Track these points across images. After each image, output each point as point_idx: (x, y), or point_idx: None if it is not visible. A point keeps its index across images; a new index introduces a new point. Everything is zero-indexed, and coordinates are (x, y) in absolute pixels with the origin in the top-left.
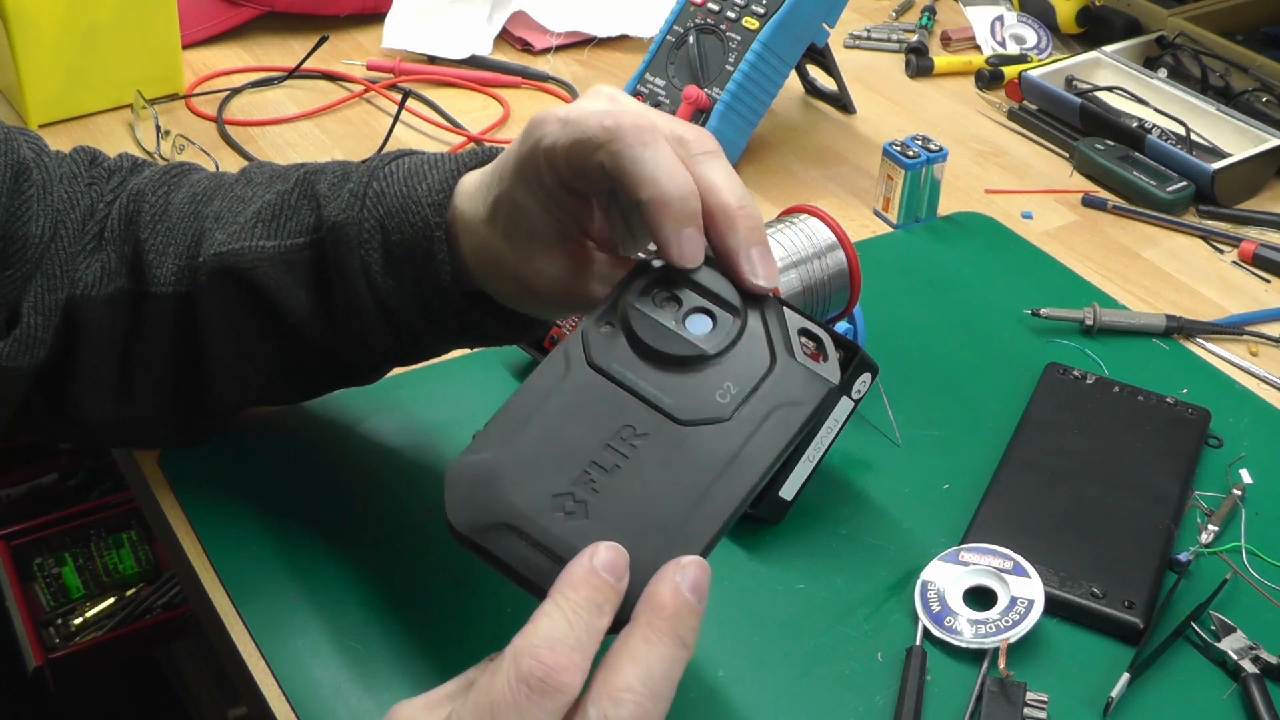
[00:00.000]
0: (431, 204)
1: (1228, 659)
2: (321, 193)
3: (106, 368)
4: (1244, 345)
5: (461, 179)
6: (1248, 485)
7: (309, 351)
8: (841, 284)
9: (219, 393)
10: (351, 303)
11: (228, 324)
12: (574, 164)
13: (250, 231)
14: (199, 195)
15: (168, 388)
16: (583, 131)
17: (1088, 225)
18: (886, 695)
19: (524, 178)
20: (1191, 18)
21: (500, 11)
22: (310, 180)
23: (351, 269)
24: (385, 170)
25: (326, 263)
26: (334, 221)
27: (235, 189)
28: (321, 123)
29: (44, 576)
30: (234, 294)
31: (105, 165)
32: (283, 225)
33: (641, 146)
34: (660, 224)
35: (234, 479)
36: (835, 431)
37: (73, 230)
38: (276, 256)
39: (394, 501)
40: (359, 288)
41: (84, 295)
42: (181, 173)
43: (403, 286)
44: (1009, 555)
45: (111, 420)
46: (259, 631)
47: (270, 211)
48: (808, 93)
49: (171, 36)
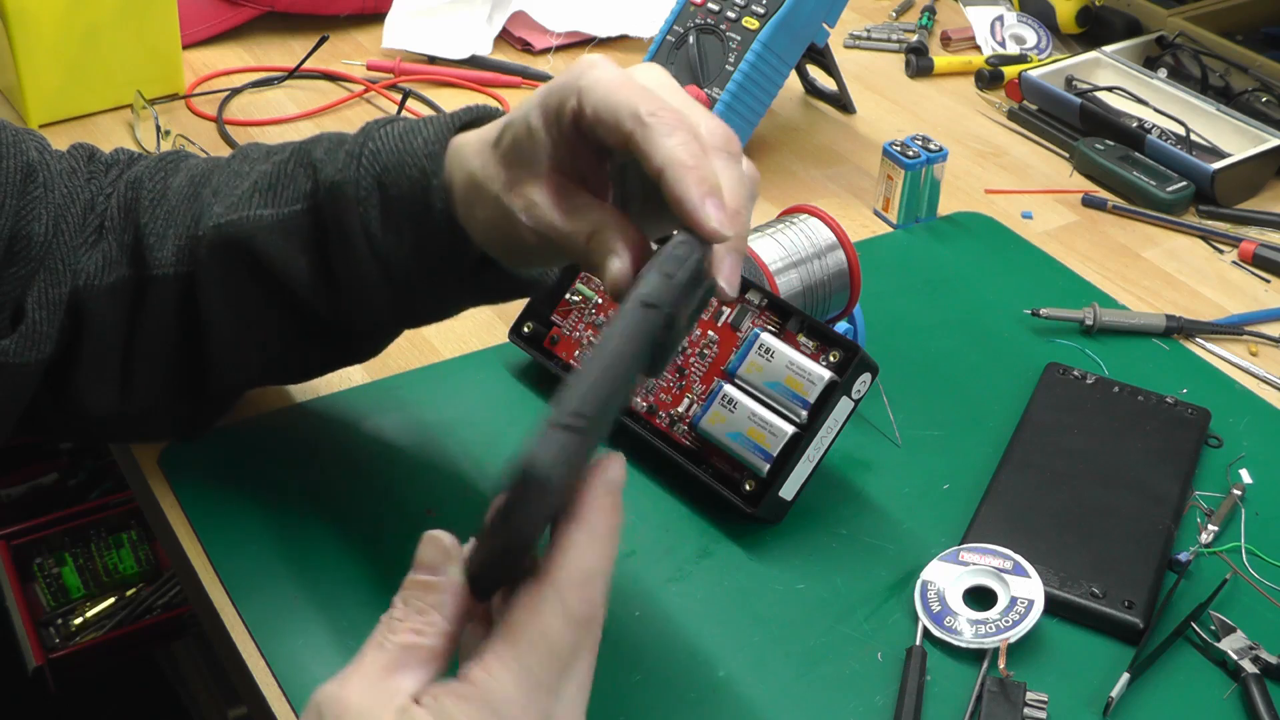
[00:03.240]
0: (428, 154)
1: (1228, 659)
2: (317, 158)
3: (110, 358)
4: (1244, 345)
5: (458, 135)
6: (1248, 485)
7: (311, 321)
8: (841, 284)
9: (222, 371)
10: (351, 263)
11: (229, 296)
12: (602, 117)
13: (248, 202)
14: (196, 177)
15: (171, 374)
16: (627, 101)
17: (1088, 225)
18: (886, 695)
19: (546, 110)
20: (1191, 18)
21: (500, 11)
22: (306, 149)
23: (350, 227)
24: (381, 131)
25: (325, 226)
26: (331, 182)
27: (232, 165)
28: (321, 123)
29: (44, 576)
30: (234, 265)
31: (103, 160)
32: (280, 193)
33: (666, 131)
34: (681, 192)
35: (234, 479)
36: (835, 431)
37: (73, 225)
38: (275, 224)
39: (394, 501)
40: (358, 245)
41: (87, 286)
42: (179, 158)
43: (402, 241)
44: (1009, 555)
45: (115, 412)
46: (259, 631)
47: (267, 181)
48: (808, 93)
49: (171, 36)
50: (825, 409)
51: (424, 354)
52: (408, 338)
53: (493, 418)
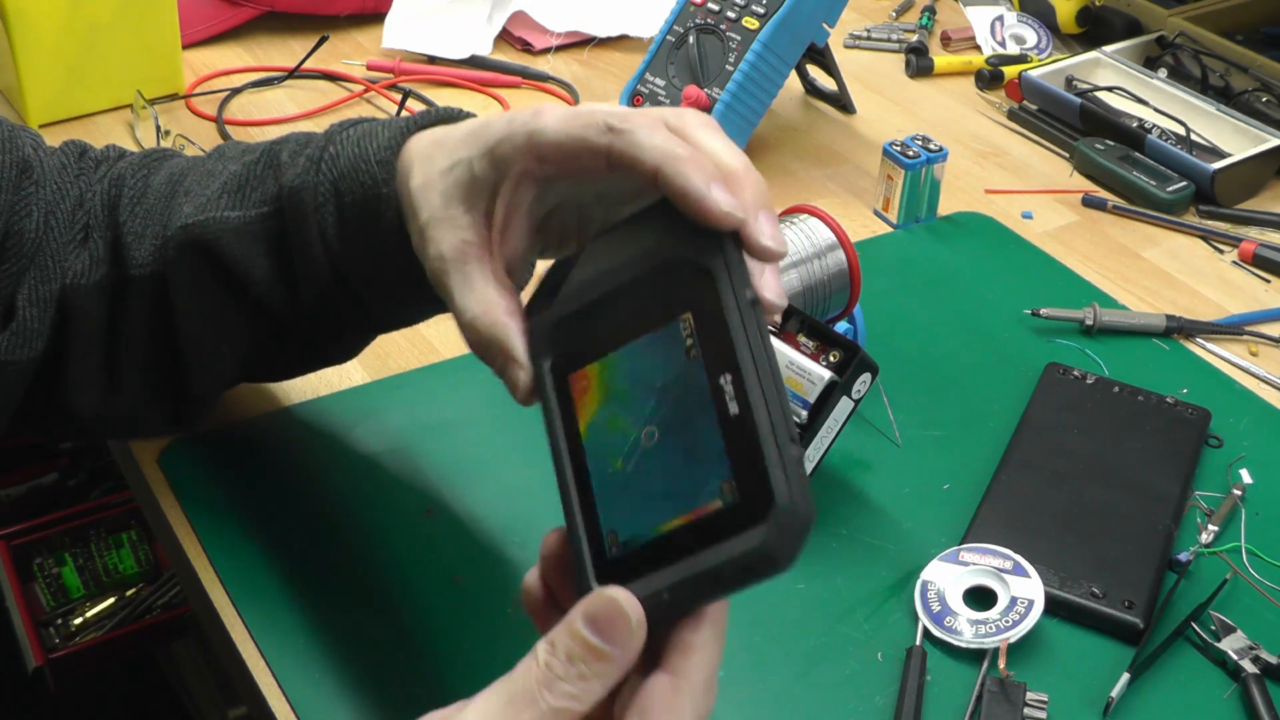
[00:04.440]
0: (380, 160)
1: (1228, 659)
2: (283, 160)
3: (95, 357)
4: (1244, 345)
5: (414, 137)
6: (1248, 485)
7: (276, 323)
8: (842, 284)
9: (198, 373)
10: (309, 269)
11: (197, 298)
12: (567, 149)
13: (216, 203)
14: (175, 175)
15: (151, 373)
16: (589, 120)
17: (1088, 225)
18: (886, 695)
19: (495, 158)
20: (1191, 18)
21: (500, 11)
22: (275, 150)
23: (309, 234)
24: (342, 134)
25: (287, 230)
26: (291, 187)
27: (207, 164)
28: (321, 123)
29: (44, 576)
30: (200, 266)
31: (93, 156)
32: (248, 195)
33: (647, 132)
34: (685, 184)
35: (234, 479)
36: (835, 431)
37: (63, 221)
38: (241, 227)
39: (394, 502)
40: (315, 252)
41: (74, 284)
42: (162, 156)
43: (354, 249)
44: (1009, 555)
45: (102, 412)
46: (259, 631)
47: (236, 182)
48: (808, 93)
49: (171, 36)
50: (825, 409)
51: (424, 354)
52: (407, 337)
53: (493, 418)
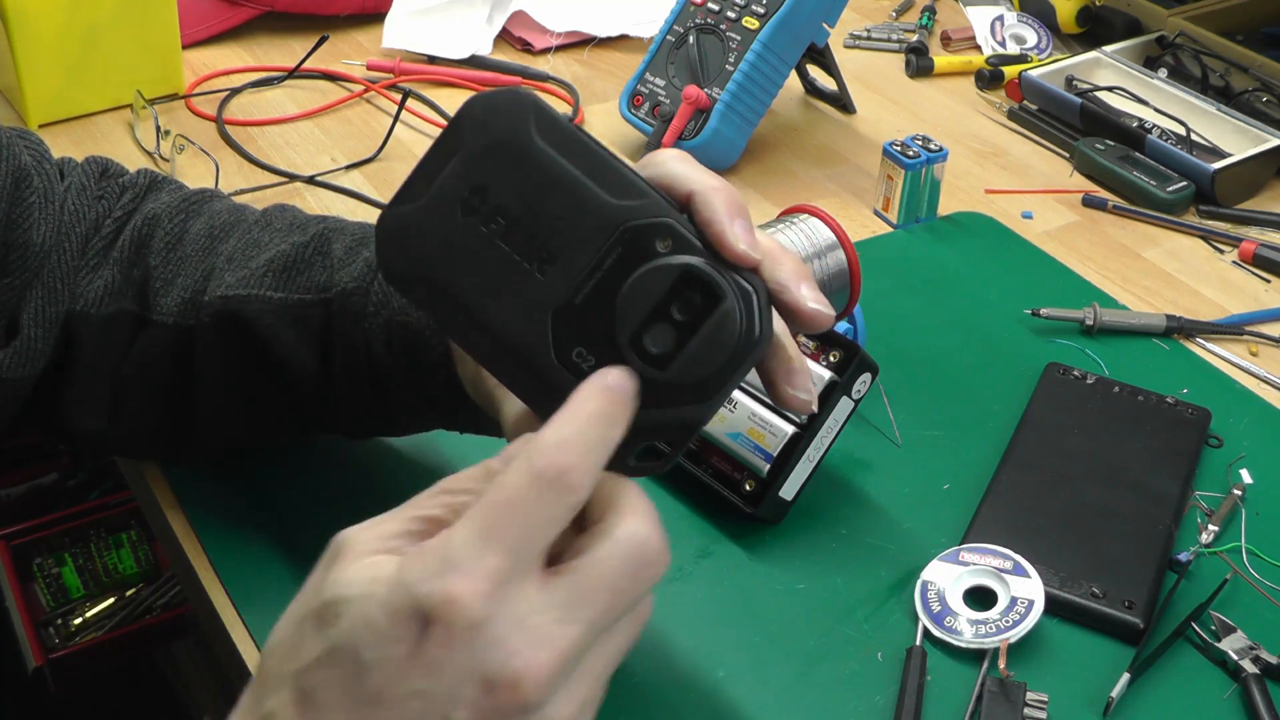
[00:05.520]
0: None
1: (1228, 659)
2: (337, 254)
3: (100, 385)
4: (1244, 345)
5: None
6: (1248, 485)
7: (302, 404)
8: (842, 284)
9: (207, 427)
10: (349, 370)
11: (224, 366)
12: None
13: (260, 280)
14: (215, 230)
15: (159, 412)
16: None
17: (1088, 225)
18: (886, 695)
19: None
20: (1191, 18)
21: (500, 11)
22: (328, 238)
23: (355, 340)
24: None
25: (331, 325)
26: (345, 288)
27: (253, 232)
28: (321, 123)
29: (44, 576)
30: (234, 339)
31: (119, 180)
32: (294, 279)
33: (679, 162)
34: (712, 214)
35: (234, 478)
36: (835, 431)
37: (77, 243)
38: (282, 309)
39: (394, 502)
40: (358, 356)
41: (83, 312)
42: (202, 200)
43: (398, 365)
44: (1009, 555)
45: (103, 435)
46: (259, 632)
47: (283, 262)
48: (808, 93)
49: (171, 36)
50: (825, 409)
51: None
52: None
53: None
